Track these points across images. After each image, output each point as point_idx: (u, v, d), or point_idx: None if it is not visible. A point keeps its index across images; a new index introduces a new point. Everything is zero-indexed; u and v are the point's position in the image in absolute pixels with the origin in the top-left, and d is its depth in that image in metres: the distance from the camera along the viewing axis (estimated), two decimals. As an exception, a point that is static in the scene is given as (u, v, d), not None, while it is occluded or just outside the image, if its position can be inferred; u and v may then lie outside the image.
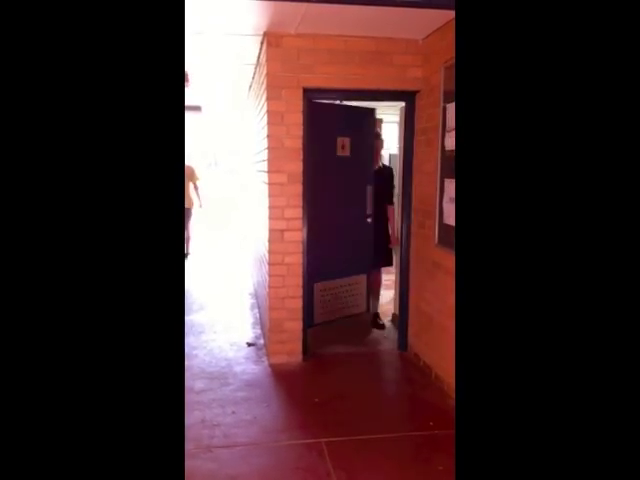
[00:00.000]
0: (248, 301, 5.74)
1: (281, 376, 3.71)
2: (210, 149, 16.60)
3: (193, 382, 3.55)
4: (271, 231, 3.80)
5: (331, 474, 2.50)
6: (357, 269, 4.44)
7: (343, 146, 4.15)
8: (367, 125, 4.38)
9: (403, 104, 4.06)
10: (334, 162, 4.13)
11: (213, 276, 7.09)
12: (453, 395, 3.14)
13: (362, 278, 4.46)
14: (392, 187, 4.59)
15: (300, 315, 3.91)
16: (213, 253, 8.84)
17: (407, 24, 3.38)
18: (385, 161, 5.09)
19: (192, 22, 3.40)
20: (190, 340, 4.43)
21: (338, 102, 4.24)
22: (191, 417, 3.06)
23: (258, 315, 5.09)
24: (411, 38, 3.69)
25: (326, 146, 4.06)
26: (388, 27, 3.47)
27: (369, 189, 4.35)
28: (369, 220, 4.39)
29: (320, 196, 4.01)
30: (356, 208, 4.34)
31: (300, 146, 3.72)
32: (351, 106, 4.25)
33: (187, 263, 7.64)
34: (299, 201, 3.79)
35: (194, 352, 4.15)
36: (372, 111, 4.41)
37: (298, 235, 3.83)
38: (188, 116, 7.77)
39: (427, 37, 3.63)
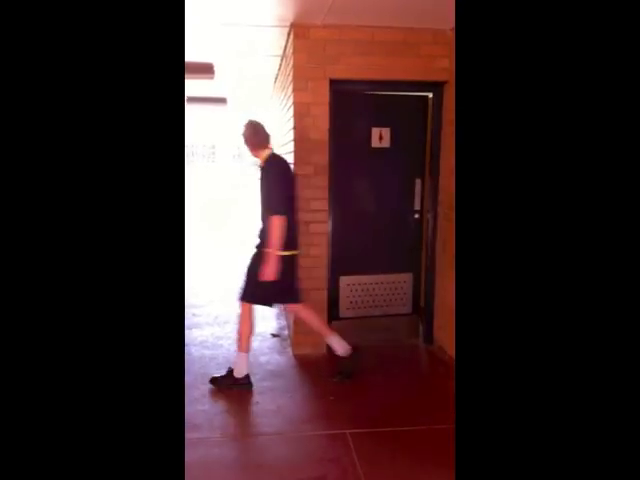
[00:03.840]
0: (272, 292, 5.77)
1: (305, 367, 3.73)
2: (235, 141, 16.70)
3: (218, 371, 3.59)
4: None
5: (356, 465, 2.51)
6: (398, 267, 4.22)
7: (381, 137, 3.96)
8: (415, 114, 4.04)
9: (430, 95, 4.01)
10: (368, 154, 4.00)
11: (233, 269, 7.14)
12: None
13: (407, 277, 4.24)
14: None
15: (325, 307, 3.93)
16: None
17: (435, 14, 3.34)
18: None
19: (219, 13, 3.41)
20: (215, 330, 4.48)
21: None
22: (217, 406, 3.10)
23: (282, 306, 5.12)
24: (439, 28, 3.64)
25: (358, 137, 3.97)
26: (415, 17, 3.42)
27: (418, 182, 4.09)
28: (416, 216, 4.14)
29: (349, 188, 4.00)
30: (396, 202, 4.13)
31: (326, 138, 3.71)
32: (391, 95, 3.97)
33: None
34: (325, 193, 3.79)
35: (219, 342, 4.20)
36: (424, 98, 4.01)
37: (324, 227, 3.84)
38: (213, 108, 7.81)
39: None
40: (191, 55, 4.58)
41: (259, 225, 3.33)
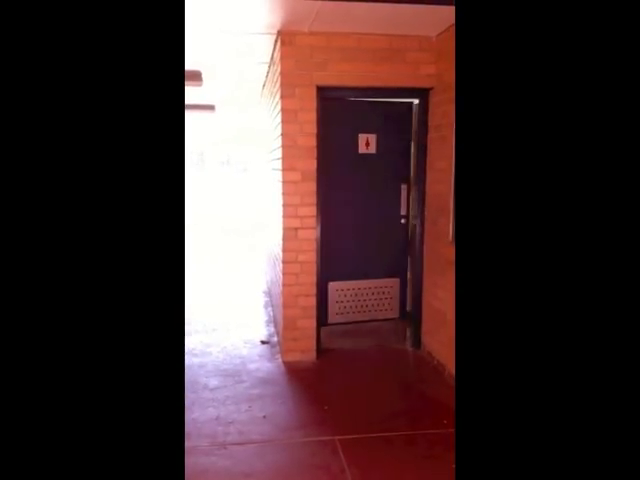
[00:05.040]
0: (261, 299, 5.76)
1: (295, 373, 3.72)
2: (223, 148, 16.69)
3: (207, 379, 3.58)
4: (285, 229, 3.81)
5: (345, 471, 2.51)
6: (386, 272, 4.24)
7: (367, 143, 4.00)
8: (401, 120, 4.05)
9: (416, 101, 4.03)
10: (355, 160, 4.03)
11: (223, 275, 7.12)
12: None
13: (394, 281, 4.26)
14: None
15: (314, 313, 3.92)
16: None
17: (421, 21, 3.37)
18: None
19: (206, 21, 3.42)
20: (203, 338, 4.46)
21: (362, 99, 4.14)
22: (206, 414, 3.08)
23: (271, 313, 5.11)
24: (425, 35, 3.68)
25: (344, 143, 3.99)
26: (401, 24, 3.45)
27: (404, 188, 4.14)
28: (403, 221, 4.18)
29: (336, 195, 4.01)
30: (384, 207, 4.16)
31: (314, 144, 3.72)
32: (376, 102, 4.00)
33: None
34: (313, 199, 3.79)
35: (208, 350, 4.17)
36: (409, 105, 4.03)
37: (312, 233, 3.84)
38: (201, 115, 7.79)
39: (441, 33, 3.61)
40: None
41: None
